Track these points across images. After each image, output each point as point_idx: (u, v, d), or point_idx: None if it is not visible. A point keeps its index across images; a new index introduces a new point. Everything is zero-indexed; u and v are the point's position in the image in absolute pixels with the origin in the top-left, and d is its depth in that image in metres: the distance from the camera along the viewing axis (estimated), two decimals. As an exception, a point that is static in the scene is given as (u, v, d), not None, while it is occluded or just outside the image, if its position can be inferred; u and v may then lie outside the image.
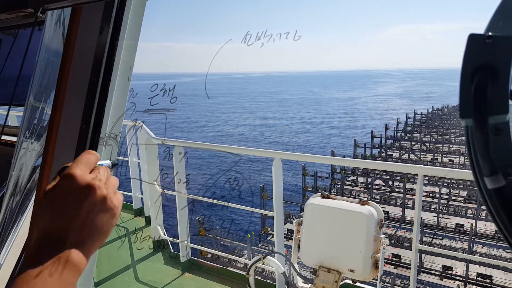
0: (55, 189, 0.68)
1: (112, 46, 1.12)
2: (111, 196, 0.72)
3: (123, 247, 4.67)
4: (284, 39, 1.27)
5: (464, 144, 0.84)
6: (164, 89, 1.38)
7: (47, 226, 0.66)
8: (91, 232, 0.69)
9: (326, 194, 2.98)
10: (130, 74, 1.20)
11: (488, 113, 0.52)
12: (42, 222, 0.67)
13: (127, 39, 1.16)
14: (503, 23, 0.54)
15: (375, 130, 58.59)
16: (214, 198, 3.65)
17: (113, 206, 0.72)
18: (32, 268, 0.61)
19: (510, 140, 0.54)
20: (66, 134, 1.17)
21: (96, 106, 1.13)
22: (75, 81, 1.13)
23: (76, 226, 0.67)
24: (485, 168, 0.54)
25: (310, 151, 62.52)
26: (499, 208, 0.56)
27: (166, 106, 1.49)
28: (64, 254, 0.64)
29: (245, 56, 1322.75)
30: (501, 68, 0.52)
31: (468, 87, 0.53)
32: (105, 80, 1.14)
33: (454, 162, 46.84)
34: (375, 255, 2.72)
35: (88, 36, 1.11)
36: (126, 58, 1.18)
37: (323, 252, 2.84)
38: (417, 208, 3.15)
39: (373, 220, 2.69)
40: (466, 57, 0.53)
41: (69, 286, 0.64)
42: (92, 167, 0.72)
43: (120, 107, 1.19)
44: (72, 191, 0.68)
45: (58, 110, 1.14)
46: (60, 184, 0.68)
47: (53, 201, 0.68)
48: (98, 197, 0.69)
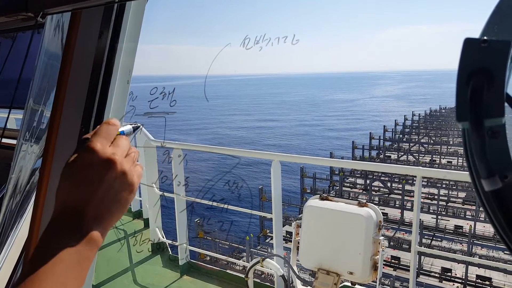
0: (76, 162, 0.67)
1: (112, 50, 1.13)
2: (131, 170, 0.71)
3: (122, 250, 4.66)
4: (282, 43, 1.28)
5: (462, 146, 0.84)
6: (164, 92, 1.38)
7: (67, 200, 0.66)
8: (110, 207, 0.69)
9: (325, 196, 2.99)
10: (129, 77, 1.21)
11: (484, 116, 0.53)
12: (62, 196, 0.67)
13: (127, 43, 1.16)
14: (498, 27, 0.55)
15: (373, 132, 58.72)
16: (213, 201, 3.66)
17: (133, 181, 0.72)
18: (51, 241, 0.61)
19: (506, 142, 0.55)
20: (65, 137, 1.17)
21: (95, 110, 1.14)
22: (75, 84, 1.14)
23: (95, 200, 0.67)
24: (482, 170, 0.55)
25: (309, 153, 62.57)
26: (497, 210, 0.57)
27: (166, 109, 1.50)
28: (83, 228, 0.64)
29: (243, 59, 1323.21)
30: (496, 72, 0.53)
31: (464, 90, 0.54)
32: (105, 84, 1.14)
33: (453, 164, 46.92)
34: (374, 257, 2.72)
35: (88, 40, 1.12)
36: (125, 61, 1.18)
37: (322, 254, 2.84)
38: (416, 209, 3.16)
39: (372, 222, 2.69)
40: (462, 61, 0.54)
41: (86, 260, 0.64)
42: (112, 139, 0.71)
43: (119, 111, 1.20)
44: (92, 165, 0.67)
45: (58, 113, 1.14)
46: (81, 158, 0.67)
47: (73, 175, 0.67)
48: (118, 172, 0.69)
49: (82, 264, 0.63)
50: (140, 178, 0.74)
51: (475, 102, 0.53)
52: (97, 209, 0.67)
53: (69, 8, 1.08)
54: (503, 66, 0.53)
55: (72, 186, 0.67)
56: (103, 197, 0.67)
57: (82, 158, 0.67)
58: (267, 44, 1.21)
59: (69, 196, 0.66)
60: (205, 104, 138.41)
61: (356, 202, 2.84)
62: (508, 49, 0.52)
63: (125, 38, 1.15)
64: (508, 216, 0.56)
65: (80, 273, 0.63)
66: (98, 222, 0.67)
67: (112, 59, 1.13)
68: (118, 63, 1.15)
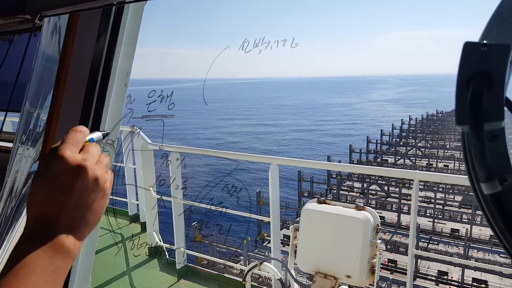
0: (46, 172, 0.66)
1: (110, 53, 1.12)
2: (103, 176, 0.70)
3: (119, 254, 4.63)
4: (281, 46, 1.27)
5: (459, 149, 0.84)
6: (162, 95, 1.38)
7: (39, 210, 0.65)
8: (84, 215, 0.67)
9: (323, 199, 2.98)
10: (127, 81, 1.20)
11: (484, 119, 0.53)
12: (33, 206, 0.65)
13: (125, 46, 1.16)
14: (498, 31, 0.55)
15: (370, 136, 58.88)
16: (212, 204, 3.65)
17: (105, 186, 0.71)
18: (23, 252, 0.60)
19: (506, 146, 0.55)
20: (62, 140, 1.16)
21: (93, 113, 1.13)
22: (72, 87, 1.13)
23: (68, 209, 0.65)
24: (481, 174, 0.55)
25: (306, 157, 62.58)
26: (496, 214, 0.56)
27: (164, 112, 1.49)
28: (56, 239, 0.63)
29: (242, 62, 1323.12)
30: (496, 76, 0.53)
31: (464, 94, 0.54)
32: (102, 87, 1.13)
33: (449, 167, 47.10)
34: (372, 260, 2.72)
35: (85, 43, 1.11)
36: (123, 64, 1.18)
37: (319, 258, 2.83)
38: (413, 213, 3.16)
39: (369, 226, 2.69)
40: (462, 65, 0.54)
41: (61, 271, 0.63)
42: (81, 146, 0.70)
43: (117, 114, 1.19)
44: (63, 173, 0.66)
45: (55, 117, 1.13)
46: (50, 166, 0.66)
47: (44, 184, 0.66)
48: (90, 178, 0.67)
49: (56, 275, 0.62)
50: (111, 184, 0.73)
51: (475, 106, 0.53)
52: (70, 218, 0.66)
53: (67, 10, 1.07)
54: (503, 70, 0.53)
55: (43, 196, 0.65)
56: (76, 206, 0.66)
57: (52, 167, 0.66)
58: (266, 47, 1.21)
59: (41, 206, 0.65)
60: (204, 108, 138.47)
61: (354, 206, 2.84)
62: (507, 53, 0.52)
63: (123, 41, 1.14)
64: (507, 220, 0.56)
65: (55, 284, 0.61)
66: (72, 231, 0.65)
67: (110, 62, 1.12)
68: (116, 66, 1.14)
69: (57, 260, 0.62)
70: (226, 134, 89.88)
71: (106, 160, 0.74)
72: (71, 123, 1.14)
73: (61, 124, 1.15)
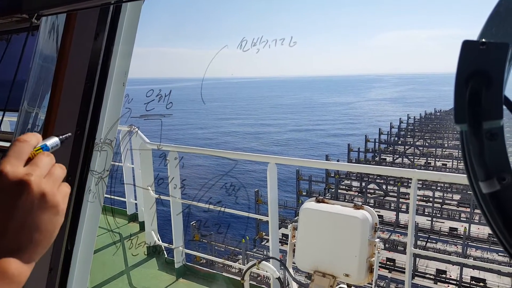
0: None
1: (107, 52, 1.12)
2: (52, 191, 0.63)
3: (117, 253, 4.63)
4: (279, 45, 1.27)
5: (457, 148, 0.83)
6: (160, 94, 1.38)
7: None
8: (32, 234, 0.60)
9: (321, 198, 2.98)
10: (125, 80, 1.20)
11: (482, 118, 0.53)
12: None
13: (122, 45, 1.15)
14: (496, 29, 0.55)
15: (368, 135, 58.93)
16: (210, 203, 3.64)
17: (56, 202, 0.63)
18: None
19: (504, 145, 0.55)
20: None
21: (91, 112, 1.13)
22: (70, 86, 1.12)
23: (12, 230, 0.59)
24: (480, 173, 0.55)
25: (304, 156, 62.61)
26: (494, 212, 0.56)
27: (162, 112, 1.49)
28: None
29: (240, 62, 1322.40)
30: (494, 74, 0.53)
31: (463, 93, 0.54)
32: (100, 86, 1.13)
33: (448, 166, 47.19)
34: (370, 259, 2.72)
35: (83, 42, 1.11)
36: (121, 63, 1.17)
37: (318, 257, 2.83)
38: (411, 212, 3.17)
39: (367, 225, 2.69)
40: (460, 63, 0.54)
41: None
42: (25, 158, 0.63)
43: (115, 113, 1.19)
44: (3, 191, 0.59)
45: (53, 116, 1.13)
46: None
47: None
48: (35, 194, 0.60)
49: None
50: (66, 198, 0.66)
51: (473, 105, 0.53)
52: (14, 240, 0.59)
53: (65, 9, 1.07)
54: (501, 68, 0.53)
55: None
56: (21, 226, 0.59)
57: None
58: (264, 46, 1.20)
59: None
60: (202, 108, 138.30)
61: (352, 205, 2.84)
62: (506, 51, 0.52)
63: (121, 40, 1.14)
64: (505, 218, 0.56)
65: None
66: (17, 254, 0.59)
67: (107, 61, 1.12)
68: (114, 65, 1.14)
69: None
70: (223, 134, 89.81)
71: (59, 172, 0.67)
72: (69, 122, 1.14)
73: (59, 123, 1.15)
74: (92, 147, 1.14)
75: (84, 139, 1.13)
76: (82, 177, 1.16)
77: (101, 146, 1.16)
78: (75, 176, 1.13)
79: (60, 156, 1.19)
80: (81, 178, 1.15)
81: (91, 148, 1.14)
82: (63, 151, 1.15)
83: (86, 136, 1.13)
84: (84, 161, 1.15)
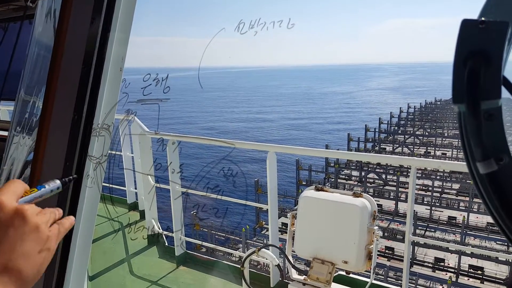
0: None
1: (104, 36, 1.11)
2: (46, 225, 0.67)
3: (118, 241, 4.66)
4: (277, 27, 1.26)
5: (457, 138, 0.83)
6: (157, 79, 1.37)
7: None
8: (18, 261, 0.62)
9: (320, 186, 2.99)
10: (122, 65, 1.19)
11: (480, 97, 0.52)
12: None
13: (119, 29, 1.14)
14: (496, 8, 0.54)
15: (368, 124, 58.86)
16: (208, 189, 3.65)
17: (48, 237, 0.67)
18: None
19: (502, 125, 0.55)
20: (58, 125, 1.15)
21: (88, 97, 1.12)
22: (67, 71, 1.11)
23: (1, 251, 0.62)
24: (477, 153, 0.54)
25: (305, 145, 62.67)
26: (491, 193, 0.56)
27: (159, 97, 1.48)
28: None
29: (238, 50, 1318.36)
30: (493, 53, 0.52)
31: (461, 72, 0.53)
32: (97, 70, 1.12)
33: (447, 155, 47.25)
34: (369, 246, 2.74)
35: (80, 26, 1.10)
36: (118, 48, 1.16)
37: (317, 244, 2.85)
38: (410, 200, 3.18)
39: (366, 212, 2.71)
40: (459, 43, 0.53)
41: None
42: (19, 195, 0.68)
43: (112, 98, 1.18)
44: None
45: (50, 101, 1.12)
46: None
47: None
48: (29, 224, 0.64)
49: None
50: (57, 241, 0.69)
51: (472, 84, 0.52)
52: (2, 263, 0.61)
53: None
54: (501, 47, 0.52)
55: None
56: (10, 250, 0.62)
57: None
58: (262, 28, 1.19)
59: None
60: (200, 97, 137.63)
61: (351, 193, 2.85)
62: (506, 30, 0.52)
63: (118, 25, 1.12)
64: (503, 199, 0.56)
65: None
66: (2, 277, 0.61)
67: (104, 46, 1.10)
68: (110, 49, 1.13)
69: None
70: (223, 123, 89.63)
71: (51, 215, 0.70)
72: (67, 108, 1.13)
73: (56, 109, 1.14)
74: (90, 132, 1.14)
75: (82, 124, 1.12)
76: (81, 163, 1.16)
77: (99, 131, 1.15)
78: (73, 161, 1.13)
79: (58, 141, 1.19)
80: (79, 163, 1.15)
81: (88, 133, 1.14)
82: (61, 137, 1.15)
83: (83, 121, 1.12)
84: (82, 146, 1.14)
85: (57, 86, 1.09)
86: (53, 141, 1.14)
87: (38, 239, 0.65)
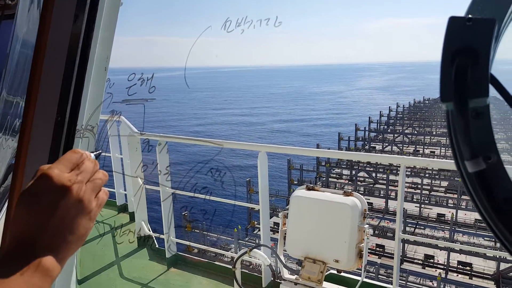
0: (30, 190, 0.66)
1: (87, 35, 1.08)
2: (89, 198, 0.69)
3: (107, 244, 4.60)
4: (264, 25, 1.25)
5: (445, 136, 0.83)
6: (142, 78, 1.34)
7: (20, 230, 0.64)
8: (66, 236, 0.66)
9: (311, 186, 3.00)
10: (107, 64, 1.16)
11: (468, 96, 0.52)
12: (15, 225, 0.65)
13: (103, 27, 1.11)
14: (483, 5, 0.54)
15: (358, 123, 59.33)
16: (196, 191, 3.63)
17: (91, 208, 0.70)
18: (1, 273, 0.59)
19: (490, 123, 0.54)
20: (40, 127, 1.12)
21: (71, 97, 1.09)
22: (49, 71, 1.08)
23: (49, 229, 0.64)
24: (465, 152, 0.54)
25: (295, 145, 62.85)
26: (480, 192, 0.56)
27: (144, 96, 1.46)
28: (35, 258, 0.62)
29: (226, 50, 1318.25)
30: (481, 51, 0.52)
31: (449, 70, 0.53)
32: (81, 70, 1.09)
33: (436, 154, 47.86)
34: (359, 245, 2.75)
35: (63, 24, 1.06)
36: (102, 47, 1.13)
37: (308, 243, 2.86)
38: (399, 198, 3.20)
39: (357, 211, 2.72)
40: (447, 40, 0.53)
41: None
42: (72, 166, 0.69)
43: (97, 98, 1.15)
44: (46, 192, 0.65)
45: (32, 102, 1.09)
46: (35, 185, 0.66)
47: (26, 203, 0.65)
48: (74, 199, 0.67)
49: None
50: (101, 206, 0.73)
51: (459, 82, 0.52)
52: (51, 239, 0.65)
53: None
54: (488, 45, 0.51)
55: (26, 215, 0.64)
56: (57, 226, 0.65)
57: (36, 186, 0.66)
58: (249, 26, 1.18)
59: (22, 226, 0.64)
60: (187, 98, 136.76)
61: (342, 192, 2.86)
62: (492, 27, 0.51)
63: (102, 23, 1.10)
64: (490, 197, 0.56)
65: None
66: (53, 252, 0.64)
67: (88, 45, 1.08)
68: (94, 48, 1.10)
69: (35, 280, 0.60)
70: (214, 124, 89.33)
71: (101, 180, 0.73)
72: (49, 109, 1.10)
73: (39, 110, 1.10)
74: (74, 134, 1.11)
75: (65, 125, 1.09)
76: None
77: (83, 133, 1.13)
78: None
79: (41, 143, 1.16)
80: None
81: (72, 135, 1.11)
82: (44, 139, 1.12)
83: (67, 122, 1.09)
84: (66, 148, 1.12)
85: (40, 86, 1.06)
86: (36, 144, 1.11)
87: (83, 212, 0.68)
